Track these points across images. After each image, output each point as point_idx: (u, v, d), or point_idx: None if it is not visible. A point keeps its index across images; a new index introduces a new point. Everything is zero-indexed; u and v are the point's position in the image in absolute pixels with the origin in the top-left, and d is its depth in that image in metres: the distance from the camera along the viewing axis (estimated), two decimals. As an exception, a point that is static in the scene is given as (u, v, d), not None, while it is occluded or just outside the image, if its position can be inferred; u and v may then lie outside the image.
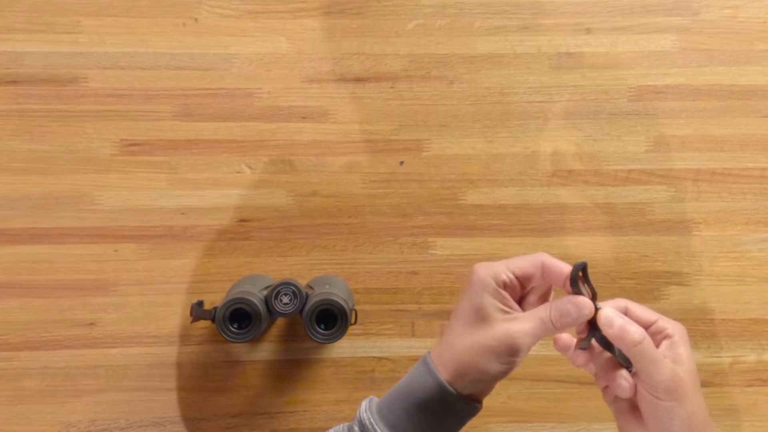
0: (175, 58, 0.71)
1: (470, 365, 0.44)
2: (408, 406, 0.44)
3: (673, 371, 0.43)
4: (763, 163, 0.73)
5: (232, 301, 0.60)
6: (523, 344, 0.43)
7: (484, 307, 0.44)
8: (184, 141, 0.71)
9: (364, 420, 0.45)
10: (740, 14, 0.73)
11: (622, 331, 0.43)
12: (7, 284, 0.69)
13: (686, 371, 0.43)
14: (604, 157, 0.72)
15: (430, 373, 0.45)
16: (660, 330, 0.45)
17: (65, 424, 0.69)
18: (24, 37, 0.70)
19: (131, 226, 0.70)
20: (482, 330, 0.44)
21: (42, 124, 0.70)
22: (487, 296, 0.44)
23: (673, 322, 0.46)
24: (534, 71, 0.73)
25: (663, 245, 0.72)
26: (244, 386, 0.70)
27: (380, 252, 0.71)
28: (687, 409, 0.42)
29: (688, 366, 0.44)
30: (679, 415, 0.42)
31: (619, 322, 0.43)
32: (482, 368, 0.44)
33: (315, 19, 0.72)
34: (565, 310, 0.44)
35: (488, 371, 0.44)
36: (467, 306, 0.45)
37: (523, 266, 0.46)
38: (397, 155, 0.72)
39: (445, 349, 0.45)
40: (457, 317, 0.46)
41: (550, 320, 0.44)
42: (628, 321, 0.44)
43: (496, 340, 0.43)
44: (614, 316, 0.44)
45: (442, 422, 0.45)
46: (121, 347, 0.70)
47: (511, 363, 0.44)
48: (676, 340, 0.44)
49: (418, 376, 0.45)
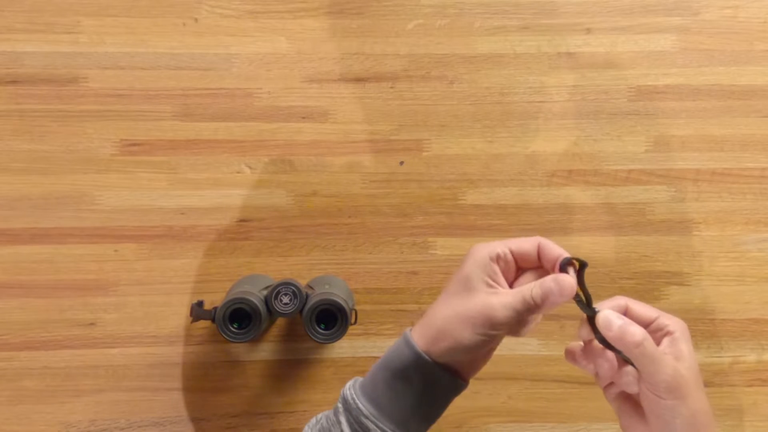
0: (175, 58, 0.71)
1: (446, 332, 0.44)
2: (387, 378, 0.45)
3: (675, 369, 0.42)
4: (763, 163, 0.73)
5: (232, 301, 0.60)
6: (501, 317, 0.43)
7: (471, 278, 0.44)
8: (184, 141, 0.71)
9: (347, 396, 0.46)
10: (740, 14, 0.73)
11: (621, 333, 0.43)
12: (7, 284, 0.69)
13: (688, 368, 0.43)
14: (604, 157, 0.72)
15: (406, 344, 0.45)
16: (661, 327, 0.45)
17: (65, 424, 0.69)
18: (24, 37, 0.70)
19: (131, 226, 0.70)
20: (463, 299, 0.44)
21: (42, 124, 0.70)
22: (476, 269, 0.45)
23: (674, 319, 0.46)
24: (534, 71, 0.73)
25: (663, 245, 0.72)
26: (244, 386, 0.70)
27: (380, 252, 0.71)
28: (690, 407, 0.42)
29: (690, 363, 0.43)
30: (681, 413, 0.42)
31: (617, 324, 0.43)
32: (456, 336, 0.43)
33: (315, 19, 0.72)
34: (547, 287, 0.43)
35: (462, 341, 0.43)
36: (455, 278, 0.46)
37: (520, 244, 0.46)
38: (397, 155, 0.72)
39: (424, 320, 0.46)
40: (445, 290, 0.46)
41: (531, 297, 0.43)
42: (627, 322, 0.43)
43: (475, 310, 0.43)
44: (613, 318, 0.44)
45: (424, 395, 0.45)
46: (121, 347, 0.70)
47: (487, 336, 0.43)
48: (678, 337, 0.44)
49: (397, 348, 0.46)
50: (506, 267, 0.46)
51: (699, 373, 0.44)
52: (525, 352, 0.71)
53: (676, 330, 0.45)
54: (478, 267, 0.45)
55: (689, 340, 0.45)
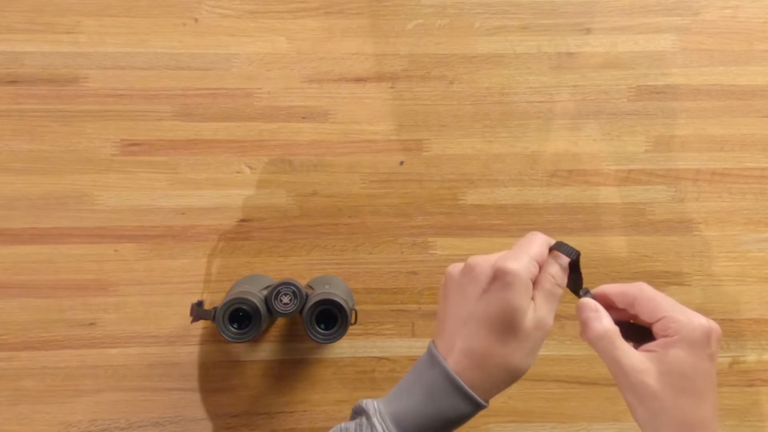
0: (175, 58, 0.71)
1: (502, 380, 0.43)
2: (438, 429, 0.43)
3: (636, 372, 0.41)
4: (763, 163, 0.73)
5: (232, 301, 0.60)
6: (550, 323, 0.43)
7: (523, 309, 0.42)
8: (184, 141, 0.71)
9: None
10: (740, 14, 0.73)
11: (583, 325, 0.44)
12: (7, 284, 0.69)
13: (661, 372, 0.41)
14: (604, 157, 0.72)
15: (464, 397, 0.42)
16: (664, 328, 0.43)
17: (65, 424, 0.69)
18: (24, 37, 0.70)
19: (131, 226, 0.70)
20: (517, 338, 0.42)
21: (42, 124, 0.70)
22: (527, 299, 0.42)
23: (691, 321, 0.42)
24: (534, 71, 0.73)
25: (663, 245, 0.72)
26: (244, 386, 0.70)
27: (380, 252, 0.71)
28: (648, 408, 0.41)
29: (670, 368, 0.41)
30: (637, 412, 0.42)
31: (584, 315, 0.44)
32: (514, 380, 0.44)
33: (315, 19, 0.72)
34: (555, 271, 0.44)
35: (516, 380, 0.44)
36: (498, 313, 0.42)
37: (542, 252, 0.44)
38: (397, 155, 0.72)
39: (472, 360, 0.43)
40: (485, 324, 0.42)
41: (555, 284, 0.44)
42: (595, 316, 0.43)
43: (534, 341, 0.43)
44: (584, 307, 0.44)
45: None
46: (121, 347, 0.70)
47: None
48: (673, 341, 0.42)
49: (449, 400, 0.43)
50: None
51: (688, 380, 0.41)
52: (525, 352, 0.71)
53: (676, 333, 0.42)
54: (528, 296, 0.43)
55: (696, 347, 0.41)
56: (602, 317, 0.44)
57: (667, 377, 0.41)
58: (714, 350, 0.42)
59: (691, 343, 0.41)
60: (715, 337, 0.42)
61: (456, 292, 0.45)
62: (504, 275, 0.42)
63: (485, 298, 0.43)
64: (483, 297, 0.43)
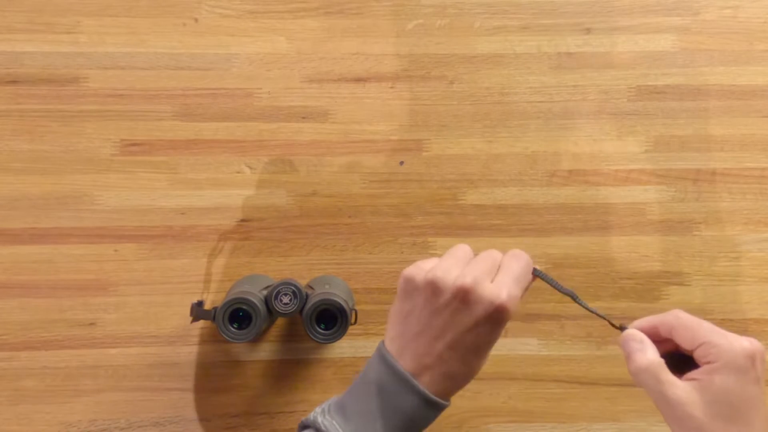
0: (175, 58, 0.71)
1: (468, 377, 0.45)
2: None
3: (679, 403, 0.40)
4: (763, 163, 0.73)
5: (232, 301, 0.60)
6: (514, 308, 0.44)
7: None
8: (184, 141, 0.71)
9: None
10: (740, 14, 0.73)
11: (627, 358, 0.43)
12: (7, 284, 0.69)
13: (707, 402, 0.40)
14: (604, 157, 0.72)
15: (425, 403, 0.43)
16: (705, 354, 0.41)
17: (65, 424, 0.69)
18: (24, 37, 0.70)
19: (131, 226, 0.70)
20: (487, 356, 0.45)
21: (42, 124, 0.70)
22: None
23: (728, 347, 0.41)
24: (534, 71, 0.72)
25: (663, 245, 0.72)
26: (244, 386, 0.70)
27: (380, 252, 0.71)
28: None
29: (715, 397, 0.40)
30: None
31: (627, 349, 0.44)
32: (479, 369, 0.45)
33: (315, 19, 0.72)
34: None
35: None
36: (488, 344, 0.44)
37: (527, 275, 0.46)
38: (397, 155, 0.72)
39: (450, 382, 0.44)
40: (474, 354, 0.44)
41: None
42: (638, 347, 0.43)
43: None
44: (629, 339, 0.44)
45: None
46: (121, 347, 0.70)
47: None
48: (716, 368, 0.40)
49: (408, 403, 0.43)
50: None
51: (737, 410, 0.40)
52: (525, 352, 0.71)
53: (718, 359, 0.40)
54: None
55: (741, 371, 0.40)
56: (647, 348, 0.43)
57: (713, 407, 0.40)
58: (760, 373, 0.41)
59: (735, 369, 0.40)
60: (760, 357, 0.41)
61: (430, 306, 0.44)
62: (502, 313, 0.43)
63: (476, 331, 0.43)
64: (474, 329, 0.43)
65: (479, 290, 0.43)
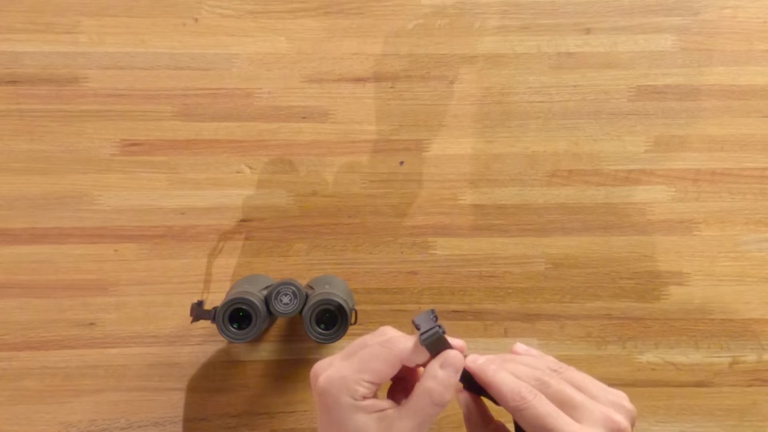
0: (175, 58, 0.71)
1: None
2: None
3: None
4: (763, 163, 0.73)
5: (232, 301, 0.60)
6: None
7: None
8: (184, 141, 0.71)
9: None
10: (740, 14, 0.73)
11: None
12: (7, 284, 0.69)
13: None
14: (604, 157, 0.72)
15: None
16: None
17: (65, 424, 0.69)
18: (24, 37, 0.70)
19: (131, 226, 0.70)
20: None
21: (42, 124, 0.70)
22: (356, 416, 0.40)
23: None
24: (534, 71, 0.73)
25: (663, 245, 0.72)
26: (244, 386, 0.71)
27: (380, 252, 0.71)
28: None
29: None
30: None
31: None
32: None
33: (315, 19, 0.72)
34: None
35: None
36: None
37: (382, 369, 0.42)
38: (397, 155, 0.72)
39: None
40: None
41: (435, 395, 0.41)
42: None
43: None
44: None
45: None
46: (120, 347, 0.70)
47: None
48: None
49: None
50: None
51: None
52: (525, 352, 0.71)
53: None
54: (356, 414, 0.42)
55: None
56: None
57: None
58: None
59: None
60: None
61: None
62: (324, 395, 0.42)
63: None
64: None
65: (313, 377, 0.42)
